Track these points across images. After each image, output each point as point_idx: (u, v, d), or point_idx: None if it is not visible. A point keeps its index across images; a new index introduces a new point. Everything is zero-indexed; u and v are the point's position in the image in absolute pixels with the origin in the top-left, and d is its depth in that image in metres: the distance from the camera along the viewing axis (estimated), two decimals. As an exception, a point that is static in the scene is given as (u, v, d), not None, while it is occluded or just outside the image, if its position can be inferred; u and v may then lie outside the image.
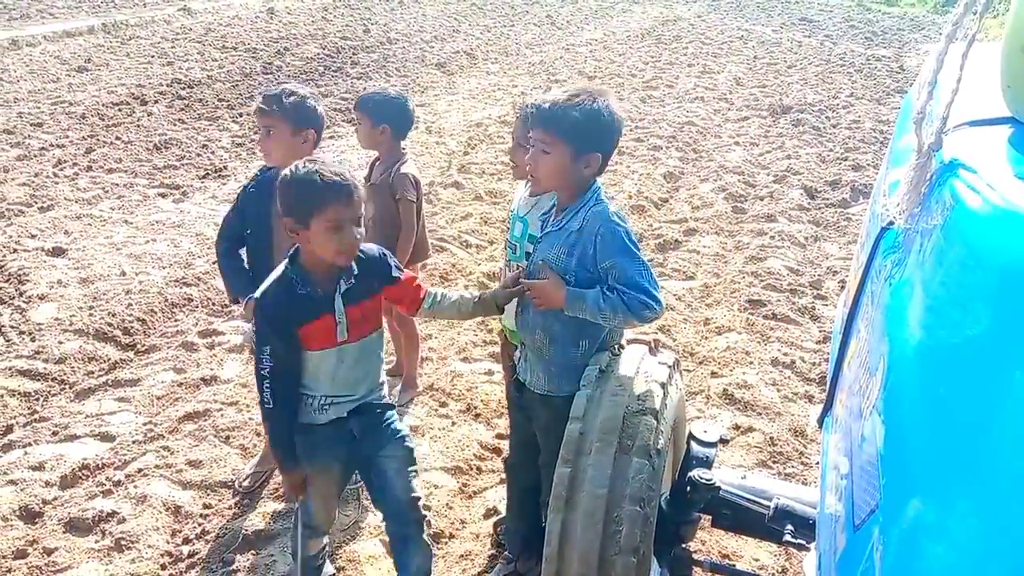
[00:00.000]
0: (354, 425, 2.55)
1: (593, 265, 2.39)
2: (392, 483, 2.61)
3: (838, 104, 10.19)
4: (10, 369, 4.15)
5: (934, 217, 1.45)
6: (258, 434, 3.73)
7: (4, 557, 3.05)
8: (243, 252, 3.23)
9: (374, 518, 3.28)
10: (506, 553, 3.07)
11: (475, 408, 4.07)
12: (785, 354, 4.65)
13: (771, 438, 3.88)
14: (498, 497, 3.45)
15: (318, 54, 11.69)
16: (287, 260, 2.43)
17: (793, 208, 6.83)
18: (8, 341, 4.44)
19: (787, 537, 2.41)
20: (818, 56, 13.16)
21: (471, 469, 3.67)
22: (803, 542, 2.39)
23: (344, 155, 7.67)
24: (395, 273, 2.56)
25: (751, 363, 4.55)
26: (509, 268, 2.96)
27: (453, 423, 3.96)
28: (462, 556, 3.17)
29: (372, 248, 2.56)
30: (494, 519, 3.31)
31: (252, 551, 3.15)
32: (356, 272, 2.44)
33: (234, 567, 3.06)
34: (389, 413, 2.66)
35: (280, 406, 2.44)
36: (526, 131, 2.94)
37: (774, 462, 3.75)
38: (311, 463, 2.55)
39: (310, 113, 3.12)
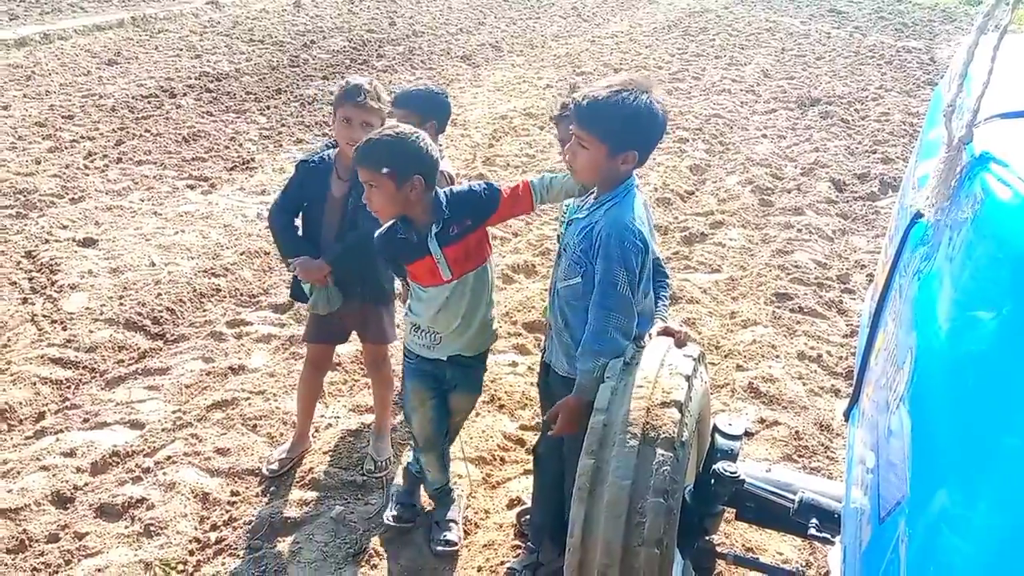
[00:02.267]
0: (448, 370, 2.95)
1: (593, 260, 2.42)
2: (451, 414, 3.09)
3: (867, 96, 10.08)
4: (42, 357, 4.22)
5: (964, 210, 1.44)
6: (284, 423, 3.77)
7: (37, 541, 3.11)
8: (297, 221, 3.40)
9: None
10: (529, 543, 3.08)
11: (499, 399, 4.08)
12: (811, 348, 4.62)
13: (796, 432, 3.86)
14: (521, 487, 3.46)
15: (344, 47, 11.74)
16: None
17: (821, 201, 6.77)
18: (40, 330, 4.51)
19: (812, 531, 2.40)
20: (847, 48, 13.02)
21: (495, 460, 3.68)
22: (828, 536, 2.38)
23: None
24: (490, 203, 2.75)
25: (777, 357, 4.53)
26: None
27: (477, 414, 3.97)
28: (485, 546, 3.19)
29: (461, 188, 2.83)
30: (517, 509, 3.32)
31: (279, 538, 3.18)
32: (447, 215, 2.71)
33: (261, 553, 3.10)
34: (479, 366, 3.03)
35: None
36: (564, 129, 2.96)
37: (799, 456, 3.73)
38: (411, 382, 2.99)
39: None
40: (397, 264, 2.88)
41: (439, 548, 3.14)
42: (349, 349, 4.29)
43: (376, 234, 2.85)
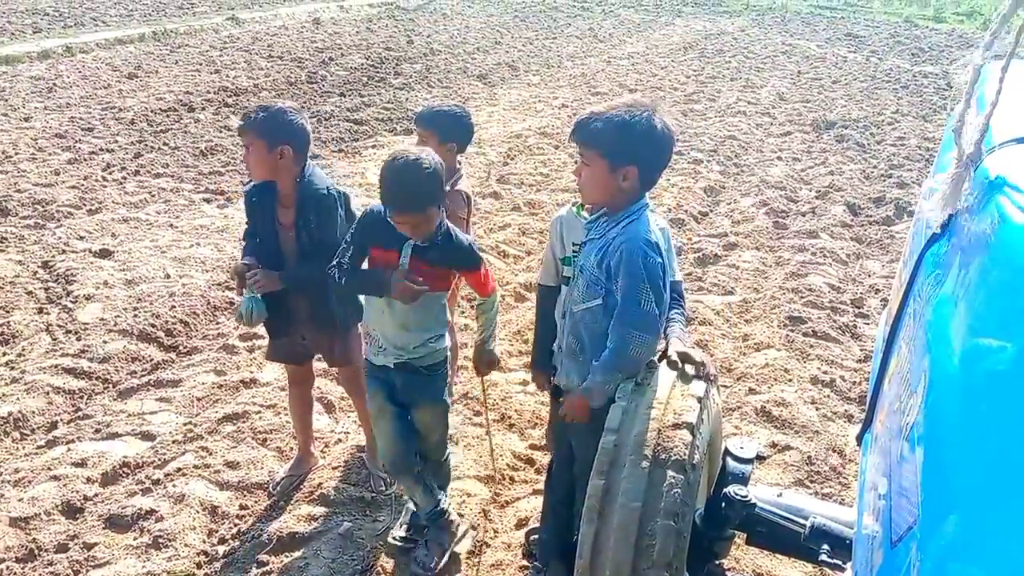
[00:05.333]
0: (397, 378, 2.93)
1: (612, 278, 2.41)
2: (422, 434, 3.06)
3: (883, 120, 10.07)
4: (56, 367, 4.24)
5: (979, 236, 1.43)
6: (294, 437, 3.77)
7: (46, 550, 3.11)
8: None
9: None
10: (536, 563, 3.06)
11: (509, 418, 4.07)
12: (825, 372, 4.59)
13: (808, 457, 3.83)
14: (530, 507, 3.44)
15: (362, 64, 11.83)
16: None
17: (835, 225, 6.75)
18: (55, 340, 4.54)
19: (823, 557, 2.38)
20: (863, 72, 13.02)
21: (504, 479, 3.67)
22: (839, 562, 2.35)
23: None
24: (469, 267, 2.89)
25: (790, 380, 4.50)
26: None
27: (487, 432, 3.97)
28: (493, 566, 3.17)
29: (464, 239, 2.88)
30: (526, 529, 3.30)
31: (286, 553, 3.17)
32: (439, 241, 2.77)
33: (268, 568, 3.09)
34: (430, 376, 2.96)
35: (348, 282, 2.82)
36: None
37: (811, 481, 3.70)
38: (368, 388, 3.02)
39: (284, 129, 3.06)
40: (364, 244, 2.83)
41: (413, 568, 3.10)
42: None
43: (369, 208, 2.86)
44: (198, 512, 3.33)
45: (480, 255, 2.92)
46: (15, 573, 3.00)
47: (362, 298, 2.96)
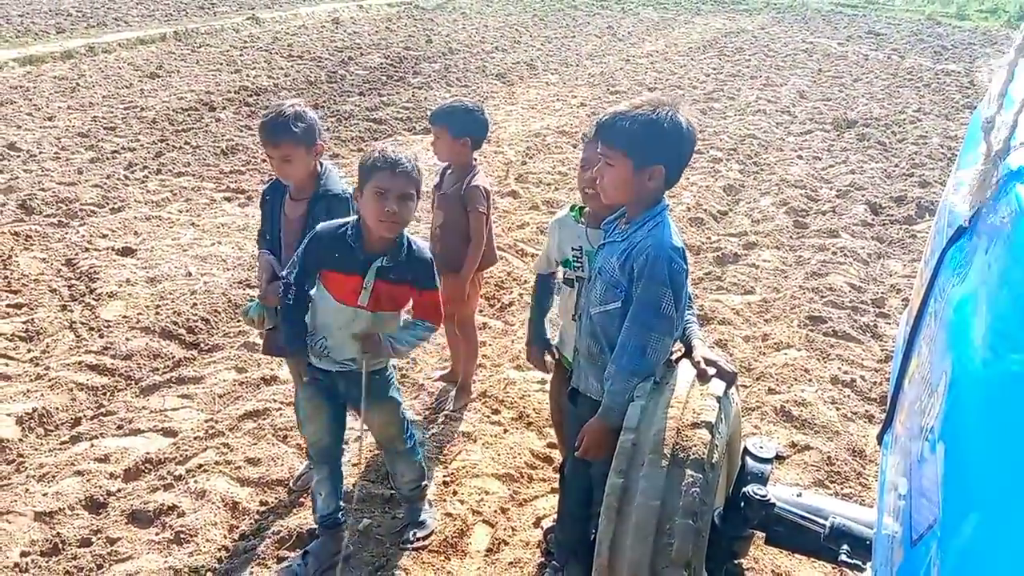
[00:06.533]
0: (339, 382, 2.93)
1: (635, 281, 2.40)
2: (375, 428, 3.11)
3: (905, 119, 9.99)
4: (80, 364, 4.29)
5: (1000, 236, 1.42)
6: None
7: (70, 544, 3.15)
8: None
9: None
10: (554, 562, 3.06)
11: (527, 416, 4.08)
12: (845, 372, 4.56)
13: (828, 457, 3.81)
14: (548, 505, 3.45)
15: (381, 63, 11.87)
16: (357, 216, 2.77)
17: (856, 224, 6.70)
18: (78, 337, 4.59)
19: (843, 557, 2.37)
20: (885, 70, 12.93)
21: (522, 477, 3.67)
22: (859, 563, 2.34)
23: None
24: (427, 284, 2.84)
25: (810, 381, 4.47)
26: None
27: (505, 430, 3.98)
28: (511, 563, 3.18)
29: (426, 251, 2.85)
30: (544, 527, 3.31)
31: (306, 549, 3.19)
32: (402, 258, 2.75)
33: (288, 564, 3.11)
34: (375, 379, 2.93)
35: (295, 306, 2.85)
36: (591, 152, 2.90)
37: (831, 482, 3.68)
38: (305, 391, 3.02)
39: (314, 127, 3.13)
40: (315, 267, 2.80)
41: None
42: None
43: (323, 226, 2.82)
44: (219, 508, 3.36)
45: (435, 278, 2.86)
46: (40, 566, 3.04)
47: (321, 308, 2.85)
